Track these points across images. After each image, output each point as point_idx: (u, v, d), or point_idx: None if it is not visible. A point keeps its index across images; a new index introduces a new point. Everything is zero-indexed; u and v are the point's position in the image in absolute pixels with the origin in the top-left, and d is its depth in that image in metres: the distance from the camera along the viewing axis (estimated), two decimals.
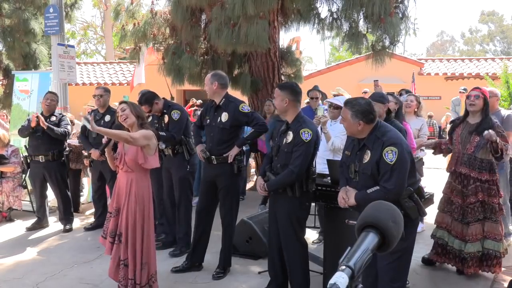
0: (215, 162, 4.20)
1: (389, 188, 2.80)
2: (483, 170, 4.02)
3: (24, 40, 11.82)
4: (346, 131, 3.10)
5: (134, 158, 3.52)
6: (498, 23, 42.31)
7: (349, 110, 2.94)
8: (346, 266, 1.04)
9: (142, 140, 3.50)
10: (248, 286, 4.08)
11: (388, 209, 1.18)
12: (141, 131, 3.53)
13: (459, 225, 4.09)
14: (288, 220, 3.53)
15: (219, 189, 4.24)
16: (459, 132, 4.17)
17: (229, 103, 4.19)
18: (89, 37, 29.80)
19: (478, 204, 4.00)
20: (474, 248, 3.98)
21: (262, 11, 6.08)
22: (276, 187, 3.51)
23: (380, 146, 2.85)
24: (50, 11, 7.65)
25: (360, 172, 2.96)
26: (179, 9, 6.89)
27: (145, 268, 3.56)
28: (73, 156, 6.55)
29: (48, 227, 5.99)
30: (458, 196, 4.11)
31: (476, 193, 3.99)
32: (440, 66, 15.82)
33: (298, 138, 3.42)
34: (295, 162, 3.41)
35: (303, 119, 3.57)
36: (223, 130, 4.16)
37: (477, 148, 4.02)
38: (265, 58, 7.77)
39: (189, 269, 4.36)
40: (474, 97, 4.06)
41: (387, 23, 6.16)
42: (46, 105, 5.73)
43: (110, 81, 15.56)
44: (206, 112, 4.41)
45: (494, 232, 3.99)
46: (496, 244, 3.99)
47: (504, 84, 9.28)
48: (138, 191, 3.55)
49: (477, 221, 4.00)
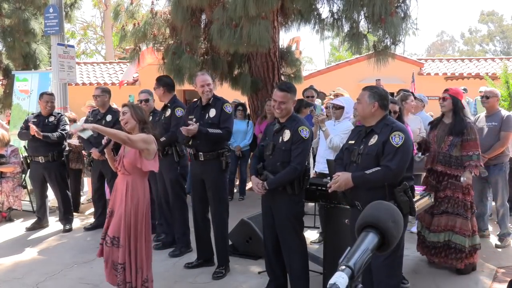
0: (202, 158, 4.24)
1: (391, 167, 2.90)
2: (458, 166, 4.21)
3: (24, 40, 11.81)
4: (359, 114, 3.19)
5: (132, 162, 3.47)
6: (498, 23, 42.28)
7: (368, 91, 3.11)
8: (346, 266, 1.04)
9: (141, 144, 3.44)
10: (247, 286, 4.08)
11: (388, 209, 1.18)
12: (140, 135, 3.48)
13: (426, 215, 4.34)
14: (288, 218, 3.54)
15: (208, 187, 4.28)
16: (435, 133, 4.38)
17: (216, 100, 4.31)
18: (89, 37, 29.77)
19: (448, 199, 4.19)
20: (435, 238, 4.21)
21: (263, 12, 6.09)
22: (277, 184, 3.50)
23: (389, 131, 2.99)
24: (50, 11, 7.65)
25: (364, 154, 3.05)
26: (179, 9, 6.89)
27: (139, 272, 3.49)
28: (74, 156, 6.55)
29: (48, 227, 5.99)
30: (431, 190, 4.29)
31: (445, 189, 4.21)
32: (440, 66, 15.79)
33: (297, 135, 3.47)
34: (297, 159, 3.45)
35: (298, 117, 3.68)
36: (211, 126, 4.21)
37: (451, 147, 4.22)
38: (265, 58, 7.78)
39: (201, 265, 4.45)
40: (442, 99, 4.32)
41: (388, 23, 6.16)
42: (47, 108, 5.73)
43: (110, 81, 15.54)
44: (190, 112, 4.44)
45: (464, 228, 4.17)
46: (464, 240, 4.15)
47: (504, 84, 9.26)
48: (134, 194, 3.49)
49: (443, 214, 4.20)
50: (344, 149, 3.31)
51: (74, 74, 7.87)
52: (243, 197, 7.42)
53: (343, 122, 4.81)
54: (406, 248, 4.59)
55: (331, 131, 4.71)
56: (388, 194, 2.96)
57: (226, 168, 4.32)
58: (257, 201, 6.66)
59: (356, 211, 3.09)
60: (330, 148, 4.65)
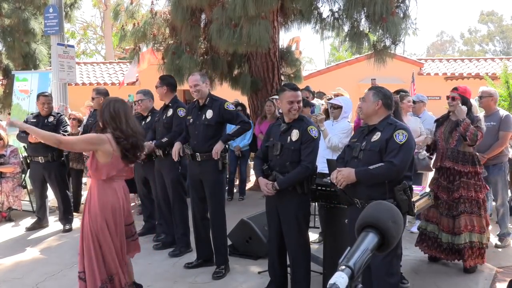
0: (199, 159, 4.25)
1: (395, 163, 2.93)
2: (465, 162, 4.21)
3: (24, 40, 11.82)
4: (363, 112, 3.20)
5: (89, 163, 3.22)
6: (498, 23, 42.28)
7: (372, 90, 3.19)
8: (345, 266, 1.04)
9: (82, 145, 3.20)
10: (247, 286, 4.07)
11: (388, 209, 1.18)
12: (83, 135, 3.20)
13: (445, 219, 4.29)
14: (296, 217, 3.53)
15: (205, 187, 4.29)
16: (442, 130, 4.38)
17: (213, 101, 4.30)
18: (88, 37, 29.77)
19: (465, 199, 4.17)
20: (463, 240, 4.16)
21: (263, 11, 6.08)
22: (289, 184, 3.47)
23: (392, 129, 3.05)
24: (50, 11, 7.65)
25: (367, 150, 3.08)
26: (179, 9, 6.89)
27: (113, 280, 3.20)
28: (75, 156, 6.56)
29: (48, 227, 5.99)
30: (443, 191, 4.29)
31: (459, 189, 4.19)
32: (440, 66, 15.79)
33: (306, 135, 3.48)
34: (309, 158, 3.46)
35: (305, 117, 3.68)
36: (208, 127, 4.22)
37: (459, 142, 4.22)
38: (265, 58, 7.78)
39: (201, 264, 4.44)
40: (451, 99, 4.29)
41: (388, 23, 6.16)
42: (44, 109, 5.72)
43: (110, 81, 15.54)
44: (188, 113, 4.45)
45: (479, 225, 4.18)
46: (480, 236, 4.17)
47: (504, 84, 9.26)
48: (95, 200, 3.20)
49: (465, 214, 4.18)
50: (346, 147, 3.34)
51: (74, 74, 7.87)
52: (243, 197, 7.42)
53: (341, 121, 4.82)
54: (406, 248, 4.61)
55: (330, 130, 4.72)
56: (388, 192, 2.97)
57: (223, 168, 4.31)
58: (257, 201, 6.71)
59: (355, 209, 3.09)
60: (328, 147, 4.66)
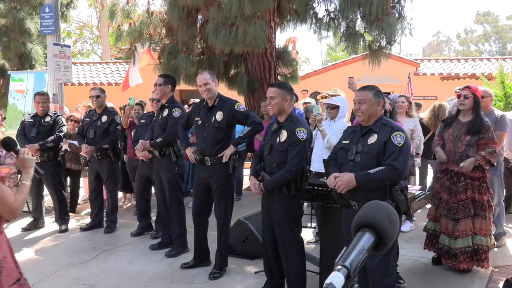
0: (209, 163, 4.17)
1: (397, 166, 2.90)
2: (475, 168, 4.07)
3: (20, 39, 11.79)
4: (362, 114, 3.08)
5: None
6: (494, 23, 42.44)
7: (370, 91, 3.08)
8: (342, 266, 1.04)
9: None
10: (244, 286, 4.07)
11: (384, 209, 1.18)
12: None
13: (444, 220, 4.21)
14: (284, 219, 3.52)
15: (214, 190, 4.21)
16: (451, 131, 4.25)
17: (223, 102, 4.18)
18: (85, 36, 29.72)
19: (469, 201, 4.08)
20: (464, 243, 4.07)
21: (259, 11, 6.09)
22: (273, 186, 3.48)
23: (389, 131, 3.00)
24: (46, 10, 7.62)
25: (364, 153, 3.02)
26: (175, 9, 6.90)
27: None
28: (73, 157, 6.54)
29: (44, 227, 5.97)
30: (445, 191, 4.22)
31: (466, 191, 4.08)
32: (436, 66, 15.85)
33: (294, 137, 3.43)
34: (293, 161, 3.41)
35: (297, 118, 3.60)
36: (218, 130, 4.12)
37: (468, 147, 4.10)
38: (261, 58, 7.78)
39: (198, 265, 4.43)
40: (463, 97, 4.16)
41: (384, 23, 6.17)
42: (39, 108, 5.71)
43: (106, 81, 15.51)
44: (196, 113, 4.33)
45: (484, 228, 4.10)
46: (485, 240, 4.10)
47: (500, 84, 9.30)
48: None
49: (467, 217, 4.09)
50: (338, 149, 3.25)
51: (70, 74, 7.84)
52: (239, 197, 7.42)
53: (338, 121, 4.82)
54: (403, 248, 4.62)
55: (327, 130, 4.72)
56: (388, 194, 2.95)
57: (234, 171, 4.21)
58: (253, 201, 6.69)
59: (351, 212, 3.06)
60: (327, 148, 4.65)
